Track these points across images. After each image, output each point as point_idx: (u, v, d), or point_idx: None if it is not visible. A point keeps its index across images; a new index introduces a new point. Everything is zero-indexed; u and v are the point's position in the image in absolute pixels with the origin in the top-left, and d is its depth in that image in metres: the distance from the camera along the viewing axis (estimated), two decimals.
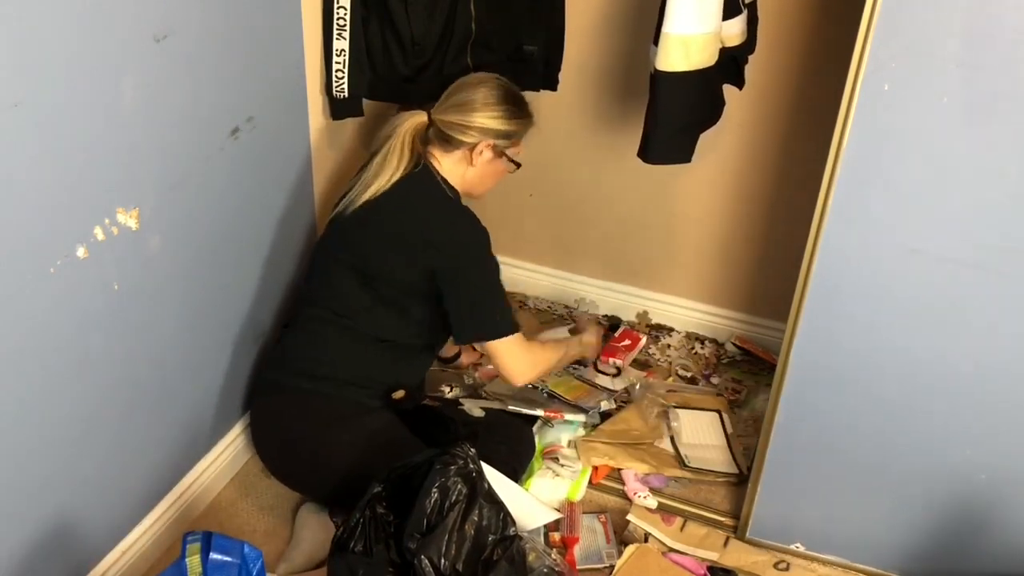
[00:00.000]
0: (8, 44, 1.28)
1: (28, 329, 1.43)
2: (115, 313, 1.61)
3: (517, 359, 1.95)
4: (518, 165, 2.00)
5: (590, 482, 2.10)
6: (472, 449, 1.64)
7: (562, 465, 2.09)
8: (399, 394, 2.02)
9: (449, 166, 1.94)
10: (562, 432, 2.18)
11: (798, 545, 1.97)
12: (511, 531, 1.62)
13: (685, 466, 2.16)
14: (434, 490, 1.57)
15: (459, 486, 1.58)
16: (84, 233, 1.49)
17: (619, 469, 2.13)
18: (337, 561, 1.56)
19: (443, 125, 1.90)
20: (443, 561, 1.53)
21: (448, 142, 1.91)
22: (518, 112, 1.94)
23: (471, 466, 1.62)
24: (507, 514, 1.63)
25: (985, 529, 1.80)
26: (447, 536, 1.54)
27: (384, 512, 1.61)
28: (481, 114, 1.89)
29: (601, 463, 2.12)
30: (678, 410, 2.32)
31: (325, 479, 1.88)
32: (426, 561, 1.52)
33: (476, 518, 1.58)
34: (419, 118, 1.92)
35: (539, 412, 2.15)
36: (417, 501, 1.57)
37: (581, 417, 2.21)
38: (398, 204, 1.90)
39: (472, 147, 1.91)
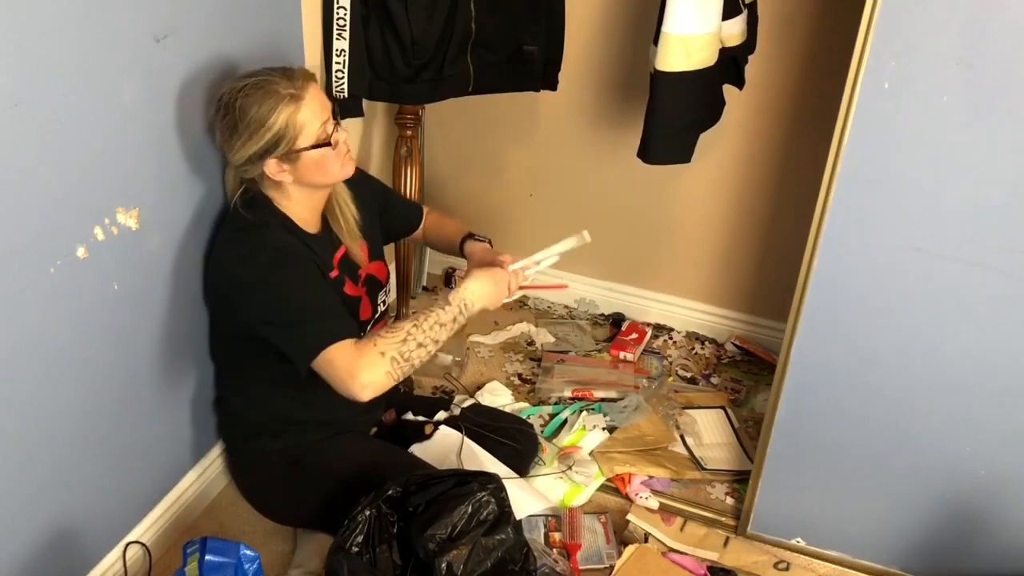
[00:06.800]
0: (9, 44, 1.28)
1: (28, 329, 1.43)
2: (115, 313, 1.60)
3: (344, 369, 1.54)
4: (328, 144, 1.61)
5: (618, 492, 2.09)
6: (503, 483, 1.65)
7: (576, 471, 2.09)
8: (388, 415, 2.03)
9: (273, 192, 1.69)
10: (587, 439, 2.19)
11: (799, 540, 1.97)
12: (531, 566, 1.63)
13: (704, 469, 2.16)
14: (469, 503, 1.57)
15: (492, 506, 1.59)
16: (84, 233, 1.49)
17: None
18: (338, 560, 1.56)
19: (232, 171, 1.69)
20: (460, 569, 1.53)
21: (251, 180, 1.68)
22: (263, 116, 1.55)
23: (504, 494, 1.63)
24: (531, 551, 1.64)
25: (984, 525, 1.80)
26: (471, 549, 1.55)
27: (389, 512, 1.61)
28: (232, 150, 1.60)
29: (624, 471, 2.11)
30: (692, 412, 2.33)
31: (312, 514, 1.87)
32: (445, 566, 1.52)
33: (499, 542, 1.58)
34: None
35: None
36: (447, 507, 1.57)
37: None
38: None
39: (264, 175, 1.63)
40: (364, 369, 1.53)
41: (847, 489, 1.88)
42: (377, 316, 1.89)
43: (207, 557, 1.39)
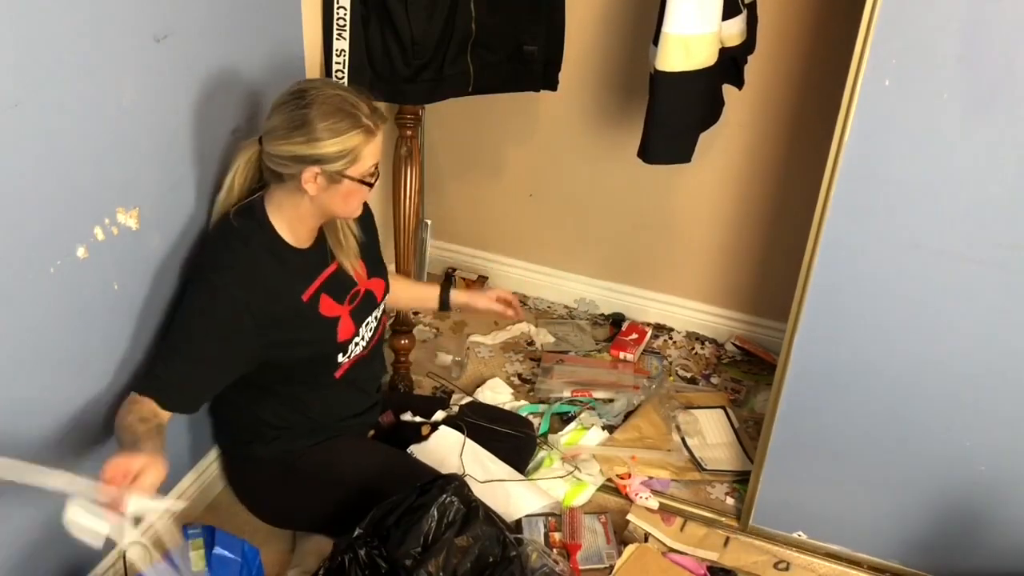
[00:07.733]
0: (8, 44, 1.28)
1: (28, 329, 1.43)
2: (115, 313, 1.60)
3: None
4: (370, 185, 1.63)
5: (618, 492, 2.09)
6: (464, 479, 1.63)
7: (581, 470, 2.09)
8: (386, 418, 2.02)
9: (280, 197, 1.65)
10: (586, 437, 2.20)
11: (800, 534, 1.97)
12: (511, 553, 1.62)
13: (703, 470, 2.16)
14: (433, 510, 1.56)
15: (457, 505, 1.59)
16: (84, 233, 1.49)
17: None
18: None
19: (264, 155, 1.62)
20: (440, 574, 1.53)
21: (273, 172, 1.62)
22: (337, 130, 1.54)
23: (467, 490, 1.62)
24: (507, 537, 1.63)
25: (985, 520, 1.81)
26: (445, 551, 1.54)
27: (365, 554, 1.58)
28: (287, 141, 1.56)
29: (623, 472, 2.11)
30: (695, 412, 2.33)
31: (313, 514, 1.87)
32: (424, 574, 1.52)
33: (474, 538, 1.57)
34: (253, 148, 1.65)
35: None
36: (415, 518, 1.56)
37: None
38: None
39: (296, 177, 1.58)
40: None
41: (848, 484, 1.88)
42: (367, 338, 1.83)
43: (216, 550, 1.39)
